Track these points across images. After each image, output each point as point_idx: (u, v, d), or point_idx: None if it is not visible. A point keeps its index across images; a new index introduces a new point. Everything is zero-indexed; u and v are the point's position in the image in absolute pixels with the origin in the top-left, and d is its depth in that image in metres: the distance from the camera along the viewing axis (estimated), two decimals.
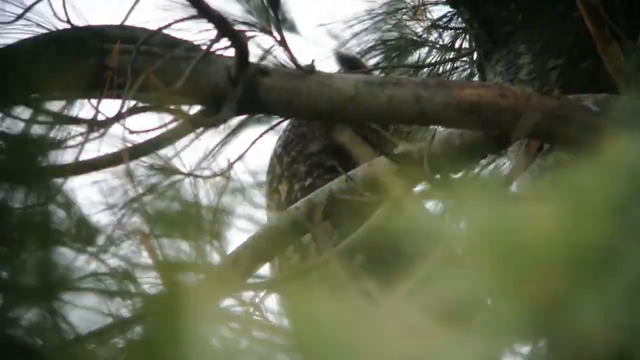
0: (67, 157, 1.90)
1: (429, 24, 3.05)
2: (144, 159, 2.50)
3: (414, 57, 3.22)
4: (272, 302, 2.55)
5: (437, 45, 3.16)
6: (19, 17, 1.88)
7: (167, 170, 2.43)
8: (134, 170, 2.52)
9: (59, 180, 1.82)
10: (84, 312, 1.94)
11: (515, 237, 0.89)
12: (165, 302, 2.14)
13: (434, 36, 3.14)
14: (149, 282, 2.41)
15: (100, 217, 2.63)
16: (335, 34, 3.21)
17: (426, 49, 3.22)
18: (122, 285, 2.09)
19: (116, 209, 2.52)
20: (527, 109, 2.12)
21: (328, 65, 3.26)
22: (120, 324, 2.05)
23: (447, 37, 3.16)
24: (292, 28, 2.99)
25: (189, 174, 2.39)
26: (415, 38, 3.15)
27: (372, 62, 3.28)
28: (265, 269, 2.75)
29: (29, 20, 1.95)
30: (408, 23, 3.12)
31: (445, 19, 3.13)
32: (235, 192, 2.70)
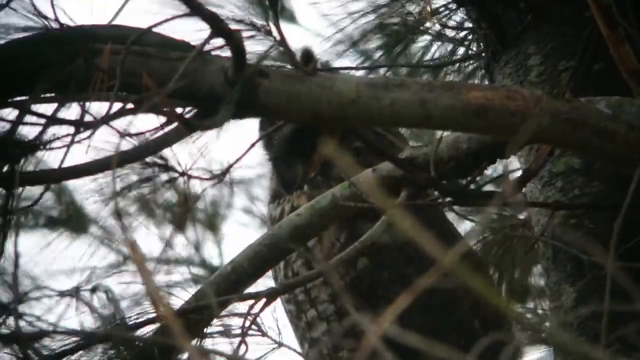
0: (53, 159, 1.87)
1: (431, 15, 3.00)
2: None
3: (416, 46, 3.17)
4: (272, 312, 2.53)
5: (442, 34, 3.11)
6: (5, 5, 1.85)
7: (162, 167, 2.40)
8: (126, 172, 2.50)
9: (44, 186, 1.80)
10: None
11: None
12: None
13: (436, 27, 3.10)
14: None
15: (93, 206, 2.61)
16: (333, 20, 3.16)
17: (428, 38, 3.18)
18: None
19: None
20: (537, 112, 2.09)
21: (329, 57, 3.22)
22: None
23: (450, 32, 3.11)
24: (292, 18, 2.96)
25: (183, 173, 2.37)
26: (416, 25, 3.10)
27: (372, 46, 3.23)
28: (267, 276, 2.72)
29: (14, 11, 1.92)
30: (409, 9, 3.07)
31: (448, 11, 3.08)
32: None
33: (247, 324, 2.31)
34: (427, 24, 3.02)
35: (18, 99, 1.89)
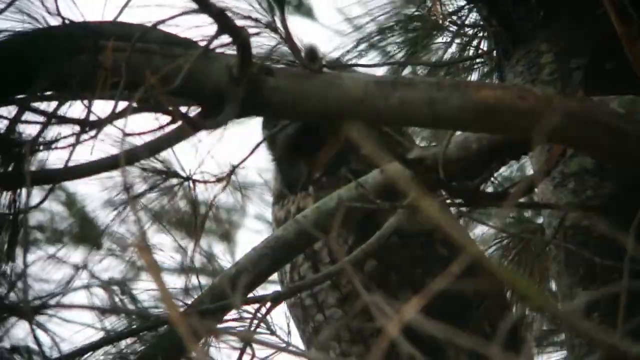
0: (57, 159, 1.90)
1: (447, 12, 3.03)
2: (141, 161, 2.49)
3: (436, 42, 3.19)
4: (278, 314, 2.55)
5: (460, 33, 3.13)
6: (5, 8, 1.87)
7: (166, 173, 2.42)
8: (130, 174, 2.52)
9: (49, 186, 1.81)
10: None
11: None
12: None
13: (454, 27, 3.12)
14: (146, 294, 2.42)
15: (101, 215, 2.64)
16: (350, 17, 3.18)
17: (447, 38, 3.20)
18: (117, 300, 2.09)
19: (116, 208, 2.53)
20: (549, 111, 2.11)
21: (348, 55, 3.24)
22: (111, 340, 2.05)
23: (468, 30, 3.14)
24: (309, 13, 2.95)
25: (187, 178, 2.39)
26: (437, 21, 3.12)
27: (390, 45, 3.25)
28: (273, 279, 2.74)
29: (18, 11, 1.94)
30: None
31: (463, 11, 3.11)
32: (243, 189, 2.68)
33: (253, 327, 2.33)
34: (438, 19, 3.04)
35: (18, 96, 1.91)
